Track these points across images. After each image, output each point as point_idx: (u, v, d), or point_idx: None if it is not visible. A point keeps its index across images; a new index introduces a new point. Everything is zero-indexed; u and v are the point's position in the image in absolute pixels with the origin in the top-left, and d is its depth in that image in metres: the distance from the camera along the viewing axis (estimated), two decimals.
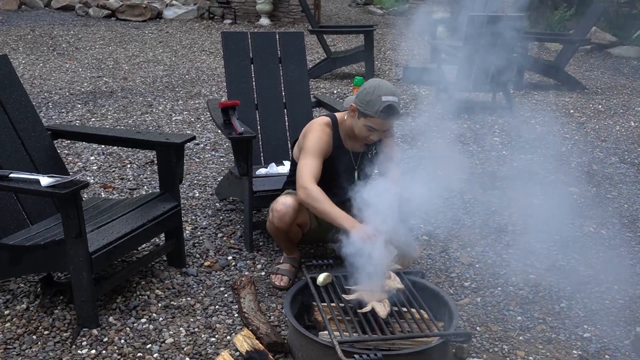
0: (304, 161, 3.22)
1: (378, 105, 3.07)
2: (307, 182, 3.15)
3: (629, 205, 4.66)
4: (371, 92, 3.11)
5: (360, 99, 3.15)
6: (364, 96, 3.13)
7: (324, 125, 3.32)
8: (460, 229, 4.21)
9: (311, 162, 3.21)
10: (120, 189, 4.70)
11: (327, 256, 3.73)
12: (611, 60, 10.72)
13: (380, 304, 2.85)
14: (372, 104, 3.09)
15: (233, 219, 4.22)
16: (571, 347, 3.02)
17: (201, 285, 3.45)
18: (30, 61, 9.17)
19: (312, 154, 3.23)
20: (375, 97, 3.09)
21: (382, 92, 3.09)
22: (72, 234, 2.79)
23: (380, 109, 3.07)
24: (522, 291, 3.49)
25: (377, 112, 3.08)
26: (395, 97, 3.11)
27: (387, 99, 3.08)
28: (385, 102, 3.07)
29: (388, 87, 3.14)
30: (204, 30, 12.65)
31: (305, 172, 3.18)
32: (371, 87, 3.14)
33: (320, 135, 3.27)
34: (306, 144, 3.26)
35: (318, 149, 3.24)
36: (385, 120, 3.13)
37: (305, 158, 3.23)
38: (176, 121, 6.45)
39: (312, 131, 3.29)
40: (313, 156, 3.22)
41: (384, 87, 3.13)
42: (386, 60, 10.12)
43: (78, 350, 2.86)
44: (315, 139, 3.26)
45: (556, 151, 5.82)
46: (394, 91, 3.14)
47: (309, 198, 3.12)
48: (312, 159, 3.21)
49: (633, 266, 3.78)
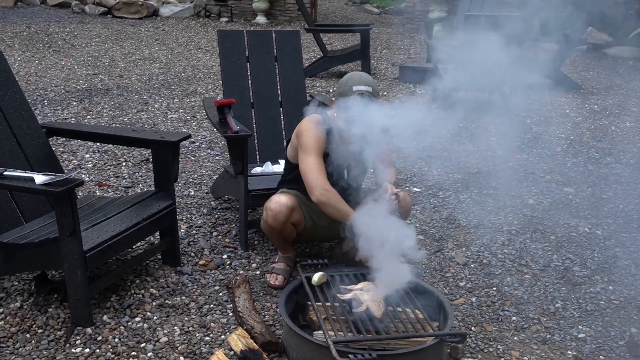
0: (311, 160, 3.22)
1: (349, 95, 3.11)
2: (325, 184, 3.18)
3: (624, 205, 4.66)
4: (344, 84, 3.18)
5: (337, 92, 3.24)
6: (339, 88, 3.22)
7: (315, 122, 3.31)
8: (455, 228, 4.21)
9: (317, 161, 3.22)
10: (115, 187, 4.69)
11: (322, 255, 3.73)
12: (607, 60, 10.73)
13: (375, 303, 2.84)
14: (344, 94, 3.14)
15: (228, 218, 4.22)
16: (566, 348, 3.02)
17: (196, 284, 3.44)
18: (26, 58, 9.14)
19: (314, 153, 3.23)
20: (347, 88, 3.15)
21: (353, 82, 3.14)
22: (66, 232, 2.78)
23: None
24: (517, 291, 3.49)
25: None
26: (368, 87, 3.13)
27: (358, 88, 3.12)
28: (356, 92, 3.11)
29: (361, 78, 3.18)
30: (200, 28, 12.63)
31: (318, 173, 3.19)
32: (345, 79, 3.22)
33: (316, 133, 3.27)
34: (304, 142, 3.25)
35: (317, 147, 3.24)
36: None
37: (309, 157, 3.22)
38: (172, 119, 6.43)
39: (307, 129, 3.28)
40: (316, 155, 3.23)
41: (356, 77, 3.18)
42: (382, 59, 10.12)
43: (72, 349, 2.85)
44: (313, 137, 3.26)
45: (552, 151, 5.83)
46: (367, 81, 3.16)
47: (331, 200, 3.16)
48: (316, 158, 3.22)
49: (628, 267, 3.79)
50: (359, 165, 3.46)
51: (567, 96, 7.94)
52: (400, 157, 5.54)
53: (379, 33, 12.70)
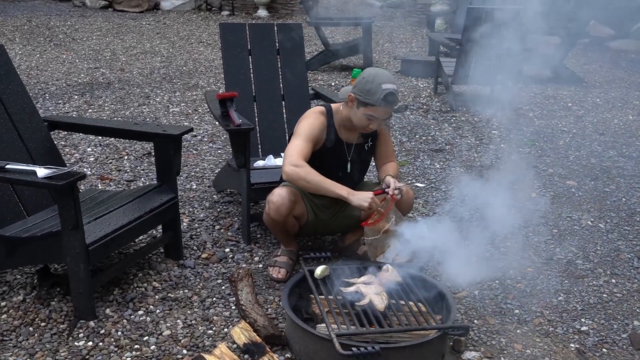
0: (293, 143, 3.21)
1: (379, 93, 3.07)
2: (295, 160, 3.12)
3: (627, 198, 4.66)
4: (371, 81, 3.11)
5: (359, 89, 3.15)
6: (364, 85, 3.13)
7: (318, 113, 3.31)
8: (458, 221, 4.20)
9: (300, 142, 3.19)
10: (117, 181, 4.69)
11: (324, 249, 3.73)
12: (610, 53, 10.69)
13: (378, 296, 2.84)
14: (372, 92, 3.09)
15: (230, 211, 4.21)
16: (568, 341, 3.02)
17: (198, 277, 3.44)
18: (27, 52, 9.13)
19: (302, 136, 3.21)
20: (375, 86, 3.09)
21: (382, 80, 3.10)
22: (69, 226, 2.78)
23: (381, 97, 3.07)
24: (519, 284, 3.49)
25: (378, 100, 3.08)
26: (394, 85, 3.12)
27: (387, 86, 3.08)
28: (385, 90, 3.08)
29: (387, 75, 3.15)
30: (202, 21, 12.61)
31: (293, 151, 3.16)
32: (370, 75, 3.14)
33: (312, 121, 3.26)
34: (298, 128, 3.26)
35: (309, 132, 3.22)
36: (386, 107, 3.13)
37: (294, 140, 3.22)
38: (173, 113, 6.43)
39: (307, 117, 3.29)
40: (303, 139, 3.21)
41: (383, 75, 3.14)
42: (384, 53, 10.10)
43: (75, 342, 2.85)
44: (307, 124, 3.25)
45: (554, 144, 5.82)
46: (392, 79, 3.15)
47: (299, 174, 3.09)
48: (301, 141, 3.20)
49: (631, 260, 3.78)
50: (363, 157, 3.46)
51: (570, 89, 7.93)
52: (403, 150, 5.54)
53: (381, 26, 12.67)
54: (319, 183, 3.11)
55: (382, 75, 3.14)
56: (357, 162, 3.44)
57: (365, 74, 3.18)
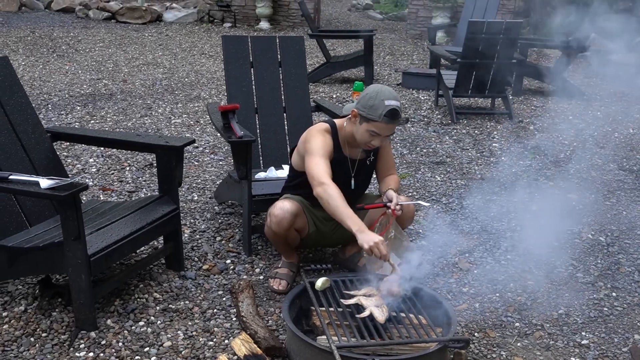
0: (315, 160, 3.20)
1: (382, 109, 3.08)
2: (324, 178, 3.14)
3: (627, 212, 4.66)
4: (374, 97, 3.12)
5: (362, 104, 3.16)
6: (367, 101, 3.14)
7: (323, 131, 3.32)
8: (458, 234, 4.21)
9: (322, 161, 3.20)
10: (119, 192, 4.70)
11: (325, 261, 3.74)
12: (610, 67, 10.72)
13: (379, 309, 2.85)
14: (375, 108, 3.10)
15: (232, 223, 4.22)
16: (569, 354, 3.02)
17: (199, 288, 3.44)
18: (30, 63, 9.17)
19: (320, 155, 3.22)
20: (378, 102, 3.10)
21: (384, 97, 3.11)
22: (71, 237, 2.79)
23: (384, 113, 3.08)
24: (520, 297, 3.49)
25: (381, 117, 3.09)
26: (397, 102, 3.13)
27: (390, 103, 3.10)
28: (388, 106, 3.09)
29: (390, 92, 3.16)
30: (204, 33, 12.67)
31: (320, 169, 3.17)
32: (373, 91, 3.15)
33: (322, 138, 3.27)
34: (311, 147, 3.25)
35: (324, 151, 3.24)
36: (389, 124, 3.14)
37: (314, 158, 3.21)
38: (175, 124, 6.45)
39: (314, 136, 3.28)
40: (322, 156, 3.22)
41: (387, 91, 3.15)
42: (385, 65, 10.14)
43: (76, 352, 2.85)
44: (320, 142, 3.26)
45: (555, 157, 5.84)
46: (395, 96, 3.17)
47: (325, 193, 3.09)
48: (321, 159, 3.21)
49: (631, 273, 3.78)
50: (366, 172, 3.47)
51: (570, 103, 7.95)
52: (404, 162, 5.55)
53: (382, 39, 12.74)
54: (337, 209, 3.07)
55: (386, 91, 3.15)
56: (360, 178, 3.45)
57: (369, 90, 3.19)
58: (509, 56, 6.95)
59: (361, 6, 18.02)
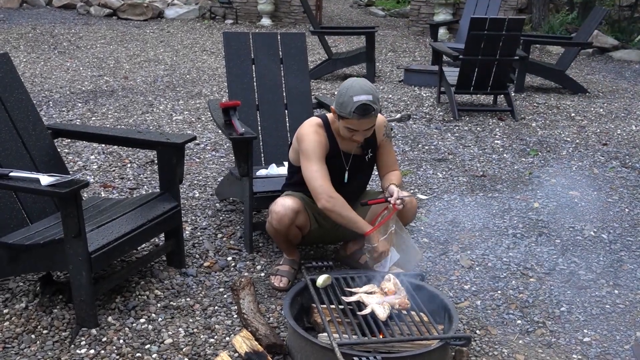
0: (314, 167, 3.20)
1: (350, 106, 3.05)
2: (331, 191, 3.18)
3: (630, 209, 4.65)
4: (344, 94, 3.09)
5: (336, 102, 3.15)
6: (339, 98, 3.12)
7: (316, 126, 3.30)
8: (460, 231, 4.20)
9: (320, 167, 3.21)
10: (120, 189, 4.69)
11: (326, 258, 3.73)
12: (613, 63, 10.72)
13: (380, 306, 2.84)
14: (345, 105, 3.08)
15: (233, 220, 4.22)
16: (571, 352, 3.01)
17: (200, 285, 3.44)
18: (31, 59, 9.17)
19: (316, 158, 3.22)
20: (347, 98, 3.07)
21: (353, 92, 3.06)
22: (71, 234, 2.79)
23: (352, 110, 3.05)
24: (522, 295, 3.48)
25: (351, 113, 3.06)
26: (368, 96, 3.06)
27: (359, 98, 3.04)
28: (357, 103, 3.04)
29: (361, 86, 3.09)
30: (205, 30, 12.65)
31: (323, 180, 3.19)
32: (344, 87, 3.12)
33: (317, 138, 3.26)
34: (306, 148, 3.24)
35: (319, 152, 3.23)
36: (361, 119, 3.09)
37: (312, 164, 3.21)
38: (177, 121, 6.44)
39: (308, 134, 3.27)
40: (318, 161, 3.22)
41: (356, 86, 3.09)
42: (387, 62, 10.12)
43: (77, 349, 2.85)
44: (314, 142, 3.24)
45: (557, 154, 5.82)
46: (367, 89, 3.08)
47: (336, 207, 3.16)
48: (318, 164, 3.21)
49: (634, 271, 3.77)
50: (363, 168, 3.46)
51: (573, 99, 7.94)
52: (405, 159, 5.54)
53: (384, 36, 12.71)
54: (350, 221, 3.20)
55: (356, 86, 3.08)
56: (355, 173, 3.43)
57: (341, 87, 3.15)
58: (511, 53, 6.93)
59: (363, 3, 18.01)
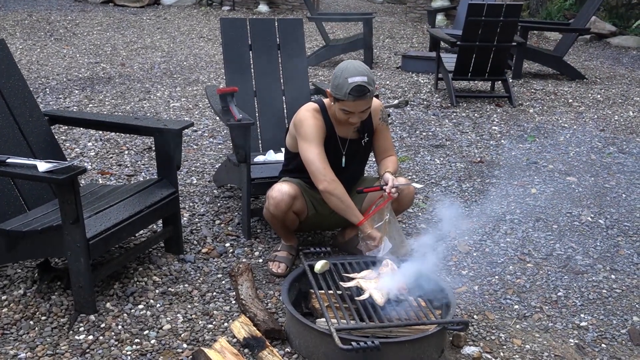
0: (313, 150, 3.22)
1: (346, 87, 3.06)
2: (331, 174, 3.21)
3: (626, 194, 4.66)
4: (339, 75, 3.10)
5: (331, 84, 3.15)
6: (334, 80, 3.13)
7: (313, 111, 3.30)
8: (458, 217, 4.21)
9: (319, 150, 3.23)
10: (117, 175, 4.69)
11: (324, 243, 3.74)
12: (610, 49, 10.70)
13: (378, 291, 2.85)
14: (340, 87, 3.08)
15: (231, 206, 4.22)
16: (568, 336, 3.03)
17: (198, 272, 3.45)
18: (28, 46, 9.13)
19: (315, 142, 3.22)
20: (342, 80, 3.07)
21: (348, 74, 3.07)
22: (69, 220, 2.79)
23: (347, 91, 3.05)
24: (519, 280, 3.49)
25: (346, 95, 3.06)
26: (363, 77, 3.06)
27: (354, 79, 3.05)
28: (352, 84, 3.05)
29: (355, 68, 3.10)
30: (203, 16, 12.59)
31: (322, 163, 3.21)
32: (339, 70, 3.13)
33: (315, 122, 3.26)
34: (305, 131, 3.25)
35: (319, 136, 3.24)
36: (357, 101, 3.09)
37: (311, 147, 3.22)
38: (174, 108, 6.43)
39: (306, 118, 3.27)
40: (317, 144, 3.23)
41: (351, 68, 3.09)
42: (385, 49, 10.09)
43: (75, 335, 2.86)
44: (313, 126, 3.25)
45: (554, 140, 5.82)
46: (362, 71, 3.09)
47: (336, 191, 3.19)
48: (318, 147, 3.22)
49: (630, 256, 3.78)
50: (360, 153, 3.46)
51: (571, 86, 7.93)
52: (403, 146, 5.54)
53: (381, 22, 12.67)
54: (348, 207, 3.23)
55: (351, 68, 3.09)
56: (353, 157, 3.43)
57: (337, 69, 3.15)
58: (508, 39, 6.91)
59: None
